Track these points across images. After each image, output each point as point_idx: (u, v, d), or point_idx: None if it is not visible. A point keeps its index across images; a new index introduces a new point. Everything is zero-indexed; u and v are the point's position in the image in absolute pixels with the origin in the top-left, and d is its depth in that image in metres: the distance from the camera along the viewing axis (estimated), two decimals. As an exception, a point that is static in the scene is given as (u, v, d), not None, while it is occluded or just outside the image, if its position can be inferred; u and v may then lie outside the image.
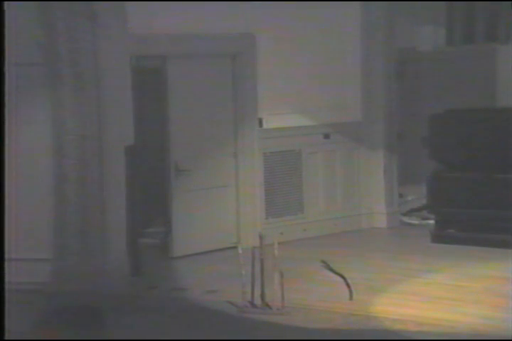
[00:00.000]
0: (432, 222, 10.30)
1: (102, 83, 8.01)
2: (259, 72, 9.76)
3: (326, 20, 10.32)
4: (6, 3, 6.41)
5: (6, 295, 5.24)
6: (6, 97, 6.83)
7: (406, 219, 11.01)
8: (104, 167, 8.05)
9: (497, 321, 6.96)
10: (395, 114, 10.91)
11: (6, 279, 5.42)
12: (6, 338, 5.04)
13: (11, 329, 5.21)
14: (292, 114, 10.08)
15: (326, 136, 10.48)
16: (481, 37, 11.01)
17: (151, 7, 8.63)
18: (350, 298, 7.40)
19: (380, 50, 10.77)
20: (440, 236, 9.98)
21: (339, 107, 10.55)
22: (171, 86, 9.11)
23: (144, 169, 9.00)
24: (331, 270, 7.73)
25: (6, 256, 5.55)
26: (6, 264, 5.48)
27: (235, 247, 8.28)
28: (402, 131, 10.96)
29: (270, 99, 9.81)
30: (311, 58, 10.20)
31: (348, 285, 7.49)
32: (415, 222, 10.87)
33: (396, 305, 7.44)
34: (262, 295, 7.16)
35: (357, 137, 10.75)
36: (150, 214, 9.60)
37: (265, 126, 9.85)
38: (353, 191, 10.77)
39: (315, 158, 10.41)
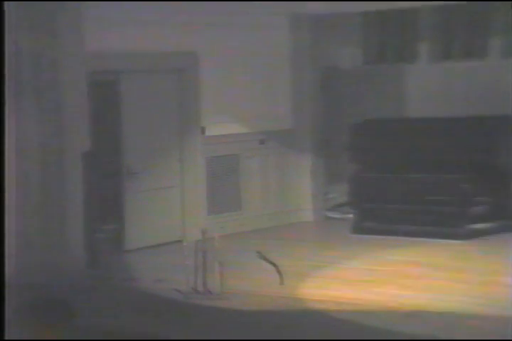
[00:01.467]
0: (351, 216, 10.27)
1: (61, 95, 7.82)
2: (201, 86, 9.72)
3: (261, 40, 10.21)
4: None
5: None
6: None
7: (330, 214, 10.97)
8: (63, 170, 7.86)
9: (405, 299, 7.14)
10: (321, 123, 10.88)
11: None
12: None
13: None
14: (231, 123, 10.03)
15: (261, 142, 10.47)
16: (392, 57, 11.02)
17: (107, 26, 8.44)
18: (281, 283, 7.39)
19: (307, 67, 10.74)
20: (359, 228, 9.98)
21: (272, 117, 10.52)
22: (123, 98, 9.07)
23: (99, 172, 8.84)
24: (265, 259, 7.62)
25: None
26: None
27: (180, 241, 8.44)
28: (328, 138, 10.90)
29: (212, 110, 9.77)
30: (248, 74, 10.12)
31: (279, 272, 7.46)
32: (338, 216, 10.81)
33: (319, 288, 7.53)
34: (204, 283, 7.15)
35: (288, 143, 10.72)
36: (105, 212, 9.42)
37: (207, 133, 9.78)
38: (284, 190, 10.74)
39: (251, 161, 10.41)
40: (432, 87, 10.77)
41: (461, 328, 6.31)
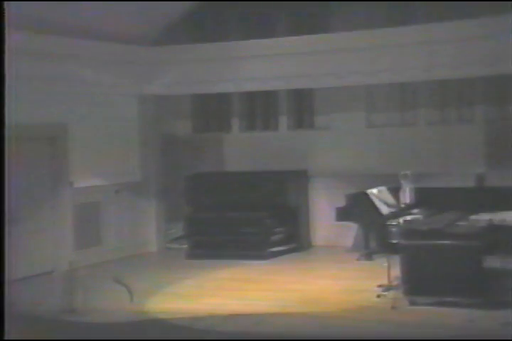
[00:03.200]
0: (186, 246, 10.25)
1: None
2: (70, 149, 9.45)
3: (117, 113, 10.19)
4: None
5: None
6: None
7: (170, 245, 10.88)
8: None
9: (226, 305, 7.13)
10: (163, 176, 10.85)
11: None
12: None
13: None
14: (93, 177, 9.81)
15: (117, 192, 10.26)
16: (213, 128, 11.36)
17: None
18: (131, 300, 7.23)
19: (152, 134, 10.73)
20: (191, 255, 9.97)
21: (125, 172, 10.40)
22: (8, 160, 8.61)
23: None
24: (119, 282, 7.42)
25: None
26: None
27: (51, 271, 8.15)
28: (168, 187, 10.87)
29: (78, 167, 9.51)
30: (106, 139, 9.96)
31: (129, 291, 7.28)
32: (176, 246, 10.71)
33: (161, 302, 7.42)
34: (71, 303, 6.93)
35: (137, 192, 10.58)
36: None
37: (75, 186, 9.50)
38: (135, 228, 10.52)
39: (109, 207, 10.16)
40: (242, 149, 11.01)
41: (266, 325, 6.43)
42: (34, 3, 7.98)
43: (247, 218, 9.85)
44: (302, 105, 10.95)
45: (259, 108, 11.10)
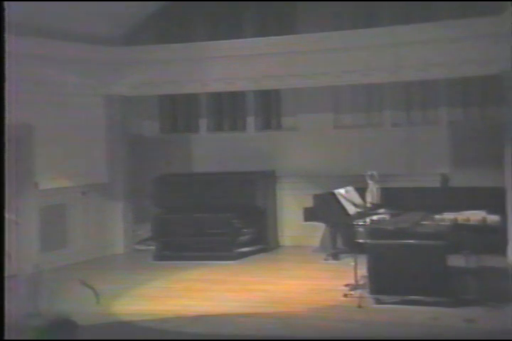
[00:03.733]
0: (153, 247, 10.20)
1: None
2: (35, 151, 9.28)
3: (84, 115, 10.07)
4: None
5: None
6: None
7: (137, 247, 10.81)
8: None
9: (192, 307, 7.13)
10: (130, 177, 10.78)
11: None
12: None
13: None
14: (59, 178, 9.70)
15: (84, 193, 10.16)
16: (181, 128, 11.34)
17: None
18: (97, 302, 6.96)
19: (119, 135, 10.66)
20: (159, 256, 9.92)
21: (92, 173, 10.31)
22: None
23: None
24: (85, 284, 7.14)
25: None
26: None
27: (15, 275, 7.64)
28: (135, 189, 10.78)
29: (43, 168, 9.35)
30: (73, 140, 9.87)
31: (95, 294, 7.01)
32: (143, 248, 10.66)
33: (127, 304, 7.40)
34: (36, 306, 6.70)
35: (104, 193, 10.49)
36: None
37: (41, 187, 9.34)
38: (101, 230, 10.44)
39: (76, 208, 10.09)
40: (210, 150, 10.99)
41: (234, 325, 6.43)
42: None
43: (215, 219, 9.85)
44: (270, 106, 11.00)
45: (227, 108, 11.12)
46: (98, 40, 9.94)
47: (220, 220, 9.82)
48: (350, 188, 9.58)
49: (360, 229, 7.43)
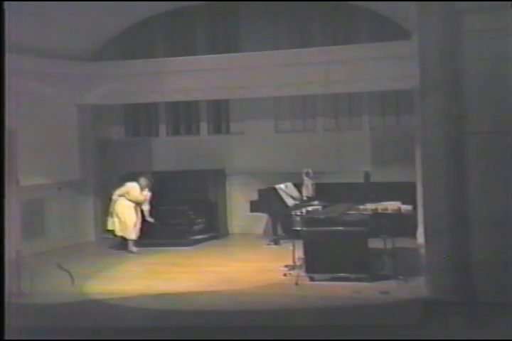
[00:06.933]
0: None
1: None
2: (17, 151, 8.84)
3: (59, 120, 9.95)
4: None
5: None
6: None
7: (106, 236, 10.12)
8: None
9: (154, 286, 7.07)
10: (99, 175, 10.68)
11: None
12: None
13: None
14: (37, 176, 9.47)
15: (59, 189, 10.06)
16: (143, 133, 11.27)
17: None
18: (73, 283, 7.14)
19: (90, 138, 10.50)
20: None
21: (66, 172, 10.17)
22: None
23: None
24: (61, 267, 7.30)
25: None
26: None
27: None
28: (104, 185, 10.52)
29: (24, 167, 9.06)
30: (49, 142, 9.66)
31: (70, 276, 7.18)
32: (112, 236, 10.02)
33: (98, 285, 7.33)
34: (19, 287, 6.76)
35: (77, 189, 10.39)
36: None
37: (21, 184, 9.11)
38: (76, 221, 10.38)
39: (52, 203, 9.96)
40: (168, 151, 10.95)
41: (190, 302, 6.39)
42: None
43: (173, 211, 9.73)
44: (220, 113, 11.06)
45: (183, 116, 11.14)
46: (71, 56, 9.86)
47: (177, 212, 9.73)
48: (289, 184, 9.77)
49: (297, 219, 7.55)
